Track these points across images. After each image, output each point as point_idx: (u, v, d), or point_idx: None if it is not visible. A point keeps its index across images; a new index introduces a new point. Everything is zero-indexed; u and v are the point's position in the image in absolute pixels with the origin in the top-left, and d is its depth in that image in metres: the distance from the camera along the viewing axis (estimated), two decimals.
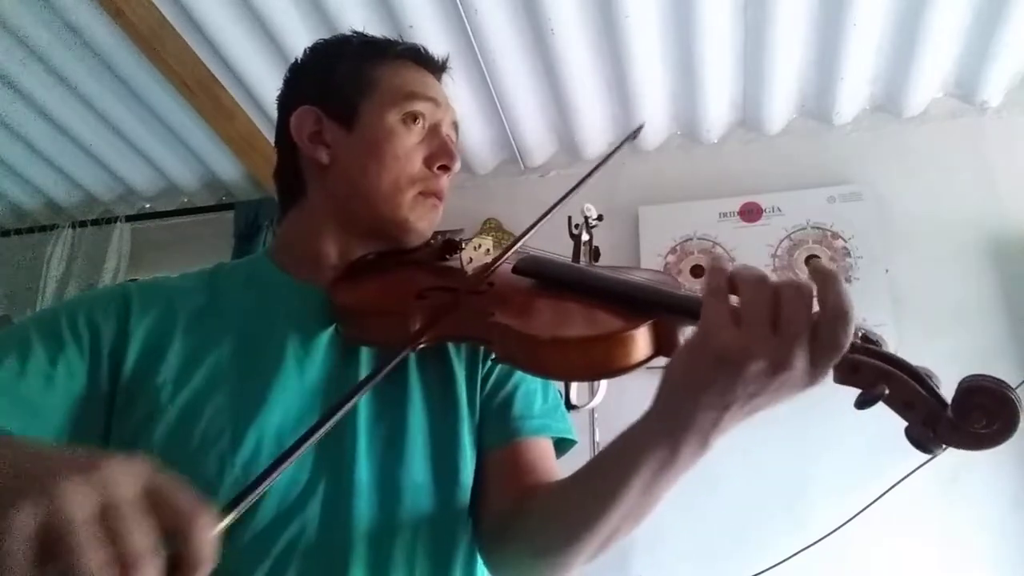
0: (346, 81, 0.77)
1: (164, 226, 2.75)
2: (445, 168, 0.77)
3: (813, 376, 0.48)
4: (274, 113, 0.83)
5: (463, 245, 0.77)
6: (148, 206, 2.81)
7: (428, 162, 0.77)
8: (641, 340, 0.57)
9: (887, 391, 0.48)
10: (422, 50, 0.82)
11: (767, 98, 2.08)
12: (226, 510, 0.41)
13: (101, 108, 2.34)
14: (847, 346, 0.47)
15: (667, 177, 2.27)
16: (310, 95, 0.78)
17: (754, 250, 2.08)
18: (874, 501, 1.71)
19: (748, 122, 2.22)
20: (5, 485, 0.35)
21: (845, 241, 2.03)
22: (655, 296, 0.60)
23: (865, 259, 2.00)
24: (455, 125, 0.82)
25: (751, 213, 2.14)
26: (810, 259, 1.92)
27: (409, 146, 0.76)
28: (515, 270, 0.71)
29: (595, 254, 1.35)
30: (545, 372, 0.63)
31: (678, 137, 2.31)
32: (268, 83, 2.07)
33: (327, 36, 0.85)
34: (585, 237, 1.30)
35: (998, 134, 2.03)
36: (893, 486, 1.70)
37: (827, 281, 0.47)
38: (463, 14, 1.83)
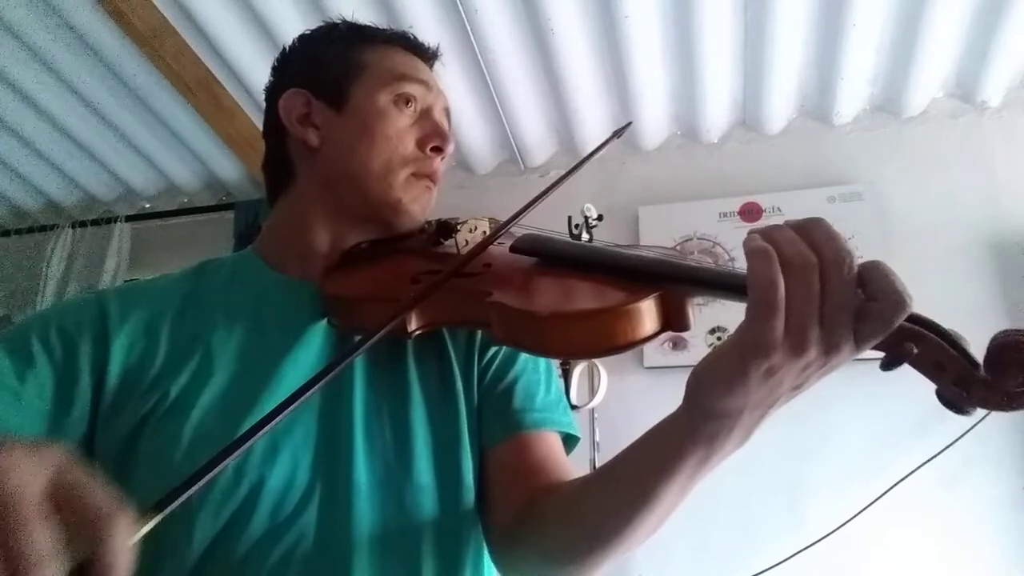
0: (336, 64, 0.75)
1: (164, 226, 2.75)
2: (438, 150, 0.75)
3: (856, 350, 0.46)
4: None
5: (458, 228, 0.74)
6: (148, 206, 2.81)
7: (421, 144, 0.75)
8: (646, 313, 0.54)
9: (915, 351, 0.45)
10: (411, 36, 0.80)
11: (767, 98, 2.08)
12: (153, 511, 0.36)
13: (101, 108, 2.34)
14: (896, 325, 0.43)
15: (667, 177, 2.27)
16: (299, 79, 0.76)
17: None
18: (874, 500, 1.70)
19: (748, 122, 2.22)
20: None
21: None
22: (660, 267, 0.57)
23: (865, 259, 1.99)
24: (447, 112, 0.80)
25: (751, 213, 2.14)
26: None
27: (401, 127, 0.74)
28: (513, 249, 0.69)
29: None
30: (547, 350, 0.60)
31: (678, 137, 2.31)
32: None
33: None
34: (585, 237, 1.30)
35: (998, 134, 2.03)
36: (894, 485, 1.69)
37: (878, 269, 0.46)
38: (463, 14, 1.83)
